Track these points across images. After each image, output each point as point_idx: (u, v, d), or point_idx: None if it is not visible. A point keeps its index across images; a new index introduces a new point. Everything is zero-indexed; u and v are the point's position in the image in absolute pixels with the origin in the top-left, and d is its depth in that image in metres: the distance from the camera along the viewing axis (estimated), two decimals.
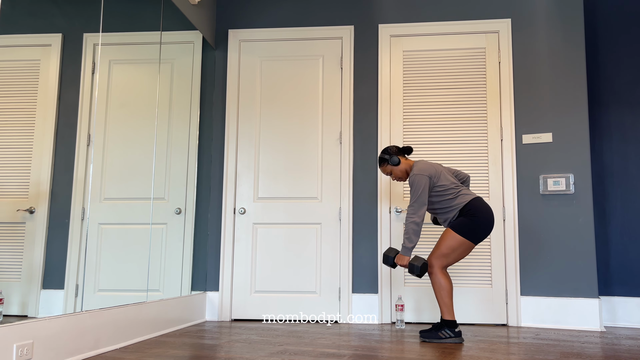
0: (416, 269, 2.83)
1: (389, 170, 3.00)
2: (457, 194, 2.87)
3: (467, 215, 2.81)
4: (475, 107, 3.70)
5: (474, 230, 2.80)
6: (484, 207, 2.84)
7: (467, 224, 2.80)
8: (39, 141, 2.15)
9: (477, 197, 2.88)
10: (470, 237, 2.81)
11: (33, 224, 2.11)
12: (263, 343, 2.74)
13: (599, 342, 2.86)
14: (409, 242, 2.84)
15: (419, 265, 2.83)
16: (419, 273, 2.84)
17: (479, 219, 2.80)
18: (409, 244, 2.85)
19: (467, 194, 2.87)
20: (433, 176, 2.87)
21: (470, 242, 2.82)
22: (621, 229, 3.70)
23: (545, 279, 3.48)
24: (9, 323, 1.94)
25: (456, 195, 2.86)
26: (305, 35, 3.90)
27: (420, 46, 3.80)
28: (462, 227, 2.81)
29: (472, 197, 2.86)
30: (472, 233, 2.80)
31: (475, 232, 2.80)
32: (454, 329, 2.82)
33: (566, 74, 3.62)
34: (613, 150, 3.78)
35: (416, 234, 2.84)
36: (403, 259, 2.87)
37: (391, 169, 2.99)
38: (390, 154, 2.98)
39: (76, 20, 2.39)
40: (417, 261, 2.84)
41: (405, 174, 2.99)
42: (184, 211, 3.44)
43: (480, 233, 2.81)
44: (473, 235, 2.81)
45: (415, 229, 2.83)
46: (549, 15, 3.69)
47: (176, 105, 3.39)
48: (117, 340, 2.61)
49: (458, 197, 2.86)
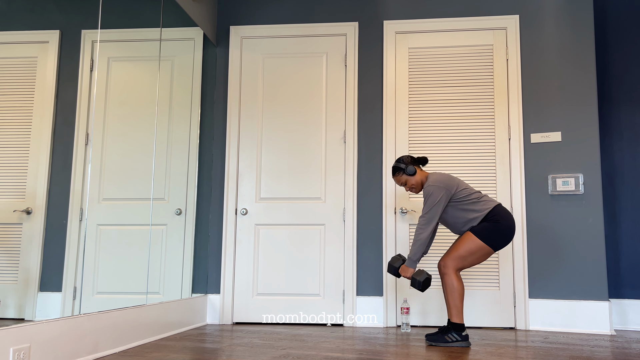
0: (418, 284, 2.79)
1: (404, 180, 2.95)
2: (480, 199, 2.84)
3: (491, 221, 2.78)
4: (482, 106, 3.64)
5: (496, 236, 2.77)
6: (507, 215, 2.82)
7: (490, 229, 2.77)
8: (36, 140, 2.13)
9: (499, 203, 2.86)
10: (491, 243, 2.77)
11: (30, 225, 2.09)
12: (265, 347, 2.70)
13: (609, 346, 2.83)
14: (414, 254, 2.82)
15: (421, 280, 2.78)
16: (421, 288, 2.80)
17: (502, 225, 2.77)
18: (414, 257, 2.82)
19: (490, 200, 2.85)
20: (451, 187, 2.83)
21: (489, 248, 2.79)
22: (632, 230, 3.65)
23: (554, 281, 3.42)
24: (6, 326, 1.92)
25: (479, 200, 2.84)
26: (309, 32, 3.85)
27: (426, 43, 3.74)
28: (484, 232, 2.77)
29: (496, 204, 2.84)
30: (493, 239, 2.76)
31: (496, 239, 2.77)
32: (462, 333, 2.78)
33: (575, 71, 3.56)
34: (623, 150, 3.72)
35: (422, 247, 2.81)
36: (406, 271, 2.84)
37: (406, 179, 2.94)
38: (406, 163, 2.93)
39: (74, 16, 2.37)
40: (419, 275, 2.79)
41: (420, 185, 2.95)
42: (184, 212, 3.40)
43: (501, 240, 2.78)
44: (494, 241, 2.77)
45: (422, 242, 2.80)
46: (557, 12, 3.63)
47: (176, 104, 3.36)
48: (116, 344, 2.58)
49: (481, 203, 2.83)
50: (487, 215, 2.79)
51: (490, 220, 2.78)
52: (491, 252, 2.80)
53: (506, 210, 2.84)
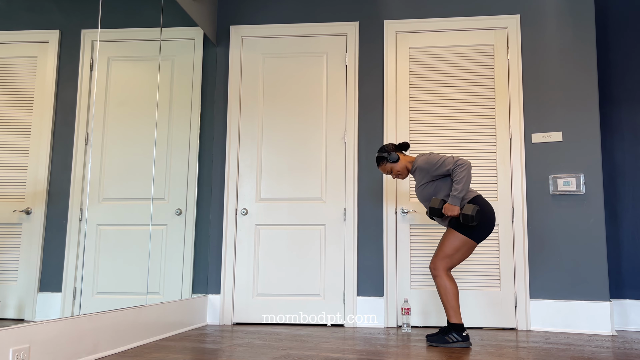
0: (471, 218, 2.67)
1: (389, 169, 2.94)
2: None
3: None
4: (483, 105, 3.63)
5: (477, 228, 2.76)
6: (487, 206, 2.82)
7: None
8: (36, 140, 2.12)
9: (480, 195, 2.86)
10: (472, 235, 2.77)
11: (30, 225, 2.09)
12: (266, 347, 2.70)
13: (611, 347, 2.82)
14: (459, 191, 2.71)
15: (473, 214, 2.65)
16: (474, 222, 2.68)
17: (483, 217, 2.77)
18: (460, 194, 2.72)
19: (472, 191, 2.85)
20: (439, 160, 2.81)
21: (472, 242, 2.79)
22: (633, 230, 3.64)
23: (555, 282, 3.41)
24: (6, 327, 1.91)
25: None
26: (309, 32, 3.84)
27: (427, 43, 3.73)
28: (464, 226, 2.77)
29: (477, 194, 2.84)
30: (474, 232, 2.76)
31: (477, 231, 2.77)
32: (462, 333, 2.77)
33: (576, 71, 3.55)
34: (625, 150, 3.71)
35: (468, 183, 2.72)
36: (453, 209, 2.73)
37: (391, 167, 2.94)
38: (388, 151, 2.93)
39: (74, 16, 2.37)
40: (469, 210, 2.67)
41: (405, 170, 2.94)
42: (184, 212, 3.40)
43: (482, 231, 2.78)
44: (475, 233, 2.77)
45: (468, 175, 2.71)
46: (559, 11, 3.62)
47: (176, 104, 3.35)
48: (116, 344, 2.58)
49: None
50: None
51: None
52: (475, 244, 2.79)
53: (485, 201, 2.83)
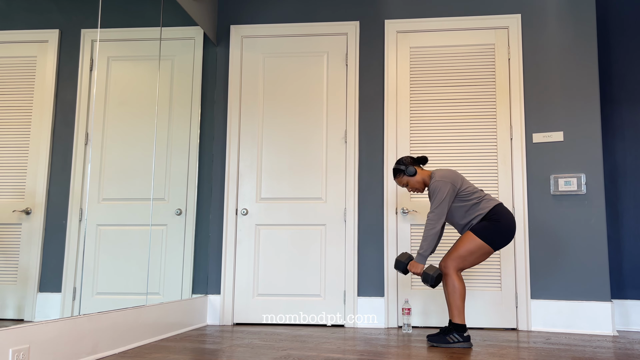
0: (430, 278, 2.75)
1: (405, 182, 2.95)
2: (482, 198, 2.84)
3: (491, 220, 2.78)
4: (484, 105, 3.62)
5: (496, 235, 2.76)
6: (508, 214, 2.82)
7: (490, 229, 2.77)
8: (36, 140, 2.12)
9: (500, 203, 2.86)
10: (490, 242, 2.77)
11: (29, 225, 2.08)
12: (266, 348, 2.69)
13: (612, 347, 2.81)
14: (425, 250, 2.79)
15: (434, 275, 2.75)
16: (433, 283, 2.76)
17: (502, 225, 2.77)
18: (425, 252, 2.80)
19: (492, 200, 2.86)
20: (456, 182, 2.83)
21: (489, 248, 2.78)
22: (634, 230, 3.63)
23: (556, 282, 3.41)
24: (5, 327, 1.91)
25: (481, 200, 2.84)
26: (309, 31, 3.83)
27: (428, 42, 3.72)
28: (483, 231, 2.76)
29: (497, 203, 2.84)
30: (493, 238, 2.76)
31: (496, 238, 2.77)
32: (463, 334, 2.77)
33: (578, 71, 3.54)
34: (626, 149, 3.70)
35: (433, 242, 2.79)
36: (417, 267, 2.81)
37: (407, 180, 2.94)
38: (406, 164, 2.93)
39: (74, 15, 2.36)
40: (431, 270, 2.76)
41: (422, 185, 2.94)
42: (184, 212, 3.39)
43: (501, 239, 2.78)
44: (493, 240, 2.77)
45: (433, 237, 2.78)
46: (560, 11, 3.61)
47: (176, 103, 3.35)
48: (116, 345, 2.57)
49: (483, 202, 2.83)
50: (488, 214, 2.79)
51: (490, 219, 2.78)
52: (491, 251, 2.80)
53: (507, 210, 2.83)
